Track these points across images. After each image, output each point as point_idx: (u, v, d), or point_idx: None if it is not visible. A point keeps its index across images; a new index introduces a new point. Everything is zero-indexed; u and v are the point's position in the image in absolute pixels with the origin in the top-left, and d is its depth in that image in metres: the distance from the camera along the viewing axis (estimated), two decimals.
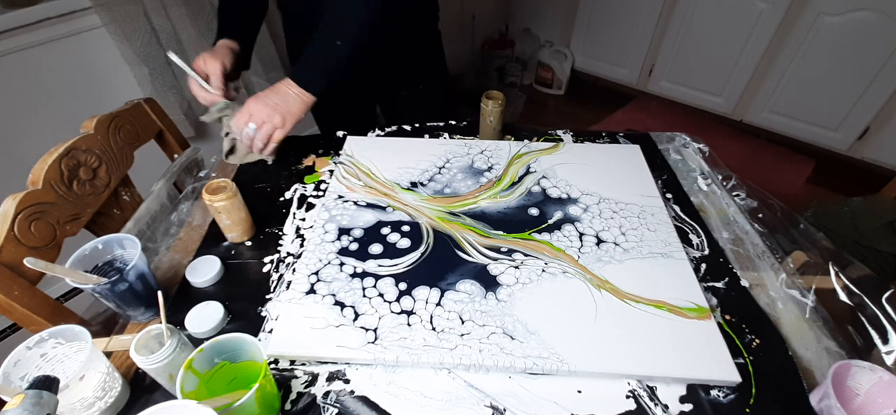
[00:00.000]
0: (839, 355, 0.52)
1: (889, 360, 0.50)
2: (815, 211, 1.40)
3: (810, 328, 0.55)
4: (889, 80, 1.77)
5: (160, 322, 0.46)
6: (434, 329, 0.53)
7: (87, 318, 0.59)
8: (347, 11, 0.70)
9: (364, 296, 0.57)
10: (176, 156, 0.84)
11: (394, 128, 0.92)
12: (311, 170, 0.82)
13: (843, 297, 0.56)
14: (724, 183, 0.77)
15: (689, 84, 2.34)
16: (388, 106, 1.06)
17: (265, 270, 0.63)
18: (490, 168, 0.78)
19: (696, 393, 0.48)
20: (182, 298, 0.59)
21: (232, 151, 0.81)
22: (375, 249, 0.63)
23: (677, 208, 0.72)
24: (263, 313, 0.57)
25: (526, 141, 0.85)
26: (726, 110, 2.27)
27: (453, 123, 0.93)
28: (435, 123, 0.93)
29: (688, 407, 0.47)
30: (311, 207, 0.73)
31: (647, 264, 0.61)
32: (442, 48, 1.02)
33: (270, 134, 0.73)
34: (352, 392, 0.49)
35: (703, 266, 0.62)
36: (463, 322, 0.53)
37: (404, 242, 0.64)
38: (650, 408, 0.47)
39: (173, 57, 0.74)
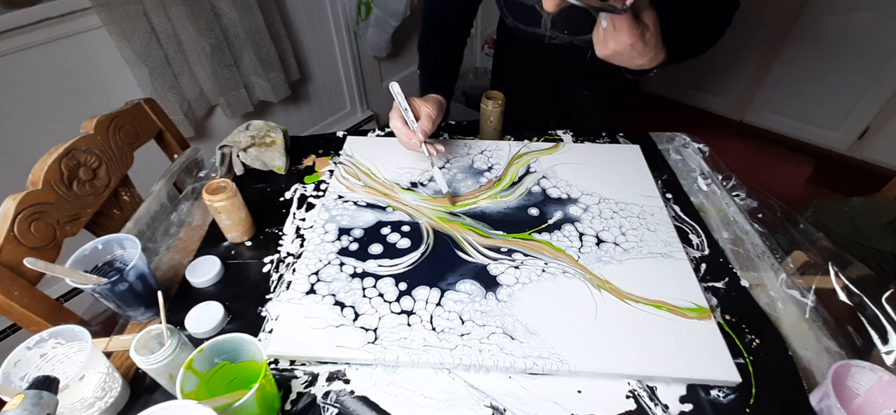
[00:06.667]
0: (839, 355, 0.52)
1: (889, 360, 0.50)
2: (815, 211, 1.40)
3: (810, 328, 0.55)
4: (889, 80, 1.77)
5: (160, 322, 0.46)
6: (434, 329, 0.53)
7: (87, 318, 0.59)
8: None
9: (364, 296, 0.57)
10: (176, 156, 0.84)
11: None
12: (311, 170, 0.82)
13: (843, 297, 0.56)
14: (724, 183, 0.77)
15: (688, 83, 2.34)
16: (564, 102, 1.05)
17: (265, 270, 0.63)
18: (490, 168, 0.78)
19: (696, 393, 0.48)
20: (182, 298, 0.59)
21: (223, 162, 0.81)
22: (375, 249, 0.63)
23: (677, 208, 0.72)
24: (263, 313, 0.57)
25: (526, 141, 0.85)
26: (726, 110, 2.27)
27: (453, 122, 0.93)
28: None
29: (688, 407, 0.47)
30: (311, 207, 0.73)
31: (647, 264, 0.61)
32: None
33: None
34: (352, 392, 0.49)
35: (703, 266, 0.62)
36: (463, 322, 0.53)
37: (404, 243, 0.64)
38: (650, 408, 0.47)
39: (393, 88, 0.69)
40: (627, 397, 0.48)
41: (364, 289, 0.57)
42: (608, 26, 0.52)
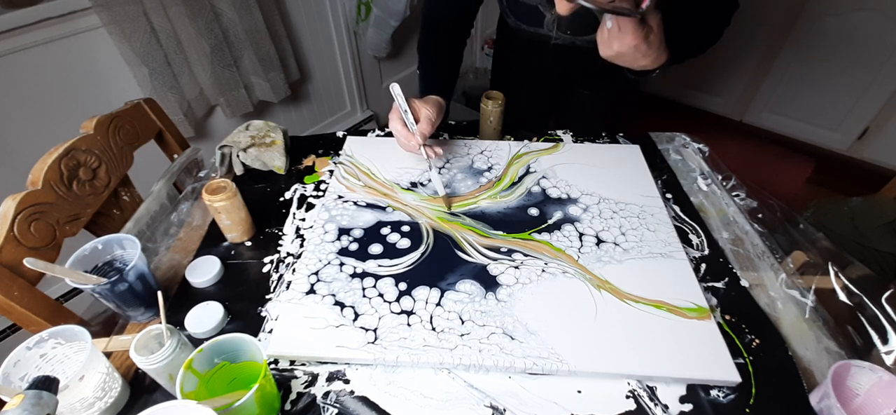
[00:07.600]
0: (839, 355, 0.52)
1: (889, 360, 0.50)
2: (815, 211, 1.40)
3: (810, 328, 0.55)
4: (889, 81, 1.77)
5: (160, 322, 0.46)
6: (434, 329, 0.53)
7: (87, 318, 0.59)
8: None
9: (364, 296, 0.57)
10: (176, 156, 0.84)
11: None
12: (311, 170, 0.82)
13: (842, 297, 0.56)
14: (724, 183, 0.77)
15: (688, 83, 2.34)
16: (564, 102, 1.05)
17: (265, 270, 0.63)
18: (490, 168, 0.78)
19: (696, 393, 0.48)
20: (182, 298, 0.59)
21: (223, 162, 0.81)
22: (375, 249, 0.63)
23: (677, 208, 0.72)
24: (263, 313, 0.57)
25: (526, 141, 0.85)
26: (726, 110, 2.27)
27: (453, 122, 0.93)
28: None
29: (688, 407, 0.47)
30: (310, 207, 0.73)
31: (646, 264, 0.61)
32: None
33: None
34: (352, 392, 0.49)
35: (703, 266, 0.62)
36: (463, 322, 0.53)
37: (404, 243, 0.64)
38: (650, 408, 0.47)
39: (394, 89, 0.69)
40: (627, 397, 0.48)
41: (364, 289, 0.57)
42: (613, 27, 0.52)
